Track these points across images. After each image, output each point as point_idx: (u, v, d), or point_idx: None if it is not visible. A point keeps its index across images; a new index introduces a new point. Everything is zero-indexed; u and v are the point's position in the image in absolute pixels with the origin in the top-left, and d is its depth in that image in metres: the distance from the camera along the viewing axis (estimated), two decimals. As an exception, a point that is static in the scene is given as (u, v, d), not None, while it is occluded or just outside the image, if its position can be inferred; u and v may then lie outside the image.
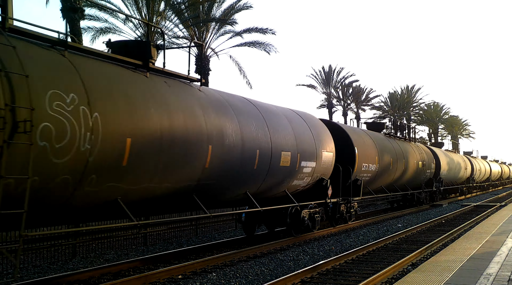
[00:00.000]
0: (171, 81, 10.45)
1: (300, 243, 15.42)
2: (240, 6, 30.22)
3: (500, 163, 76.94)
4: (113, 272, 10.94)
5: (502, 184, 71.57)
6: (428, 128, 76.26)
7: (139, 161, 8.75)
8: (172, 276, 10.56)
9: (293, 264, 12.31)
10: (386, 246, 15.13)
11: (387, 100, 66.97)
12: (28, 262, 11.92)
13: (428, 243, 14.68)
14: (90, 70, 8.27)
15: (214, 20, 29.90)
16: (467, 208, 30.11)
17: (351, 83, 56.33)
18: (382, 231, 19.02)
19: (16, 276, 8.63)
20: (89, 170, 7.81)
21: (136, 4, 26.71)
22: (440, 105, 78.43)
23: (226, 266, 11.71)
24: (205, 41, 30.13)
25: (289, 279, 9.90)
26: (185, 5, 28.66)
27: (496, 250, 11.63)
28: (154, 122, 9.05)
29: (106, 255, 13.28)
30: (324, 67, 55.63)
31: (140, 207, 9.85)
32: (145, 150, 8.83)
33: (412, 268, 11.14)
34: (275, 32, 31.02)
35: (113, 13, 26.53)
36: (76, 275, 10.24)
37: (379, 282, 10.06)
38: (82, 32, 23.24)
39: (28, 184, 6.75)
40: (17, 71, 6.80)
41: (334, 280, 10.44)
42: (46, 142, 7.03)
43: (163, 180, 9.58)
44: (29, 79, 6.87)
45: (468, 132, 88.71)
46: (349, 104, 57.58)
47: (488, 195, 47.32)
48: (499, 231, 15.64)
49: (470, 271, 9.24)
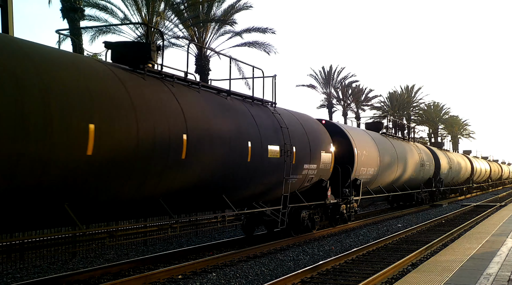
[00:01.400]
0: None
1: (300, 243, 15.42)
2: (240, 6, 30.21)
3: (501, 163, 76.92)
4: (113, 272, 10.94)
5: (502, 184, 71.48)
6: (428, 128, 76.24)
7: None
8: (172, 276, 10.55)
9: (293, 264, 12.31)
10: (386, 246, 15.13)
11: (387, 100, 66.95)
12: (28, 262, 11.92)
13: (428, 243, 14.68)
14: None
15: (214, 20, 29.89)
16: (467, 208, 30.11)
17: (351, 83, 56.35)
18: (382, 231, 19.02)
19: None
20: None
21: (136, 4, 26.71)
22: (440, 105, 78.44)
23: (226, 266, 11.71)
24: (205, 41, 30.13)
25: (289, 279, 9.90)
26: (184, 6, 28.66)
27: (496, 250, 11.63)
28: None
29: (106, 255, 13.28)
30: (324, 67, 55.63)
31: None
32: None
33: (412, 268, 11.13)
34: (275, 32, 31.04)
35: (113, 13, 26.56)
36: (76, 275, 10.25)
37: (379, 282, 10.06)
38: (82, 32, 23.23)
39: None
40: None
41: (334, 280, 10.44)
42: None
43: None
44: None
45: (468, 132, 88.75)
46: (349, 104, 57.57)
47: (488, 195, 47.30)
48: (499, 231, 15.64)
49: (470, 271, 9.23)
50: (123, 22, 26.40)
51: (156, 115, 9.29)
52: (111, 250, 14.05)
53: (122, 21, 26.84)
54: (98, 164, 7.99)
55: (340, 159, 18.43)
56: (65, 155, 7.41)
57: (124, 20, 26.78)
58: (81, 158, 7.69)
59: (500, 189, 65.44)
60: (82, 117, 7.69)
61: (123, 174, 8.58)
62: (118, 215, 10.23)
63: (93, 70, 8.56)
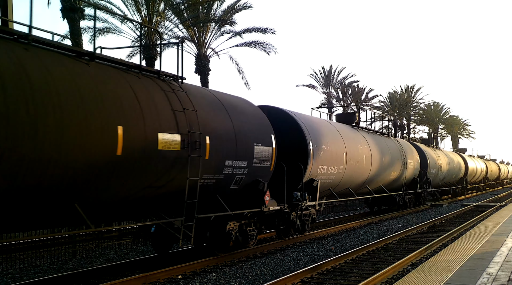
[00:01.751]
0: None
1: (300, 243, 15.42)
2: (240, 6, 30.21)
3: (499, 162, 76.68)
4: (113, 272, 10.95)
5: (500, 185, 70.66)
6: (428, 128, 76.25)
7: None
8: (172, 276, 10.56)
9: (293, 264, 12.31)
10: (386, 246, 15.13)
11: (387, 100, 66.96)
12: (28, 262, 11.93)
13: (428, 243, 14.69)
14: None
15: (213, 20, 29.89)
16: (467, 208, 30.11)
17: (351, 83, 56.38)
18: (382, 231, 19.02)
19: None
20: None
21: (136, 4, 26.71)
22: (440, 105, 78.38)
23: (226, 266, 11.71)
24: (205, 41, 30.14)
25: (289, 279, 9.91)
26: (184, 6, 28.66)
27: (496, 250, 11.64)
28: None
29: (106, 255, 13.28)
30: (324, 67, 55.64)
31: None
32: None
33: (412, 268, 11.15)
34: (275, 32, 31.04)
35: (114, 13, 26.54)
36: (76, 275, 10.24)
37: (379, 282, 10.06)
38: (82, 32, 23.23)
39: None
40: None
41: (334, 280, 10.45)
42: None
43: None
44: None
45: (468, 132, 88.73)
46: (349, 104, 57.57)
47: (487, 195, 47.27)
48: (499, 231, 15.64)
49: (470, 271, 9.24)
50: (123, 21, 26.30)
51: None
52: (111, 250, 14.05)
53: (122, 21, 26.85)
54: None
55: (288, 155, 15.08)
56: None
57: (124, 21, 26.78)
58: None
59: (500, 189, 65.20)
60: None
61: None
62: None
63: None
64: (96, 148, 8.10)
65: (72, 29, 21.66)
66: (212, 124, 11.19)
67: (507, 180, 78.15)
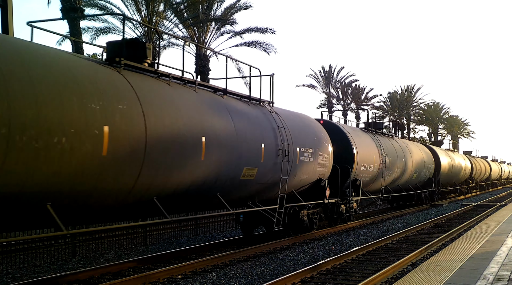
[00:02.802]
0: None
1: (300, 243, 15.43)
2: (240, 5, 30.24)
3: (500, 162, 76.91)
4: (113, 272, 10.94)
5: (502, 184, 71.48)
6: (428, 128, 76.31)
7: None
8: (172, 276, 10.56)
9: (293, 264, 12.30)
10: (386, 245, 15.13)
11: (387, 100, 66.97)
12: (28, 262, 11.92)
13: (428, 243, 14.69)
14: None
15: (213, 20, 29.91)
16: (467, 208, 30.11)
17: (351, 82, 56.38)
18: (382, 230, 19.02)
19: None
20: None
21: (136, 4, 26.72)
22: (440, 105, 78.49)
23: (226, 266, 11.71)
24: (205, 41, 30.15)
25: (289, 279, 9.90)
26: (184, 5, 28.67)
27: (496, 250, 11.64)
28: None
29: (106, 255, 13.28)
30: (324, 67, 55.71)
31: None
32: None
33: (412, 268, 11.14)
34: (275, 32, 31.09)
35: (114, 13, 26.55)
36: (76, 275, 10.24)
37: (379, 282, 10.06)
38: (82, 32, 23.24)
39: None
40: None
41: (334, 280, 10.44)
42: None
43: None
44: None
45: (468, 132, 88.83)
46: (349, 104, 57.59)
47: (488, 195, 47.30)
48: (499, 231, 15.64)
49: (470, 271, 9.24)
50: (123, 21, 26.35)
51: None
52: (111, 250, 14.05)
53: (121, 22, 26.83)
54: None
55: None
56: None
57: (123, 21, 26.76)
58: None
59: (500, 188, 65.44)
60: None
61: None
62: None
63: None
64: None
65: (72, 29, 21.67)
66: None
67: (508, 180, 78.85)
